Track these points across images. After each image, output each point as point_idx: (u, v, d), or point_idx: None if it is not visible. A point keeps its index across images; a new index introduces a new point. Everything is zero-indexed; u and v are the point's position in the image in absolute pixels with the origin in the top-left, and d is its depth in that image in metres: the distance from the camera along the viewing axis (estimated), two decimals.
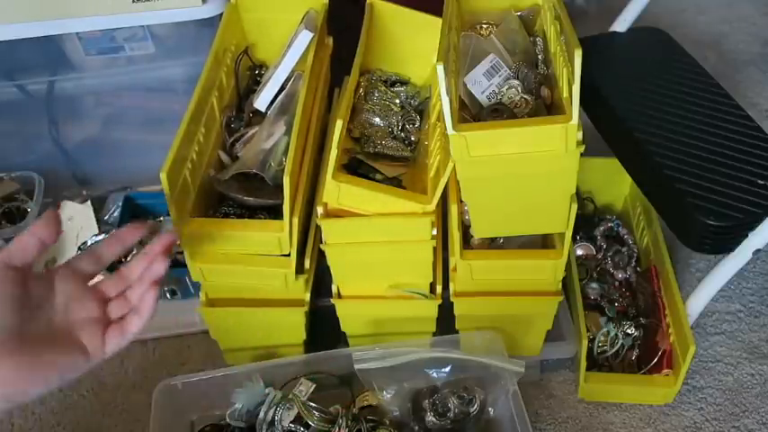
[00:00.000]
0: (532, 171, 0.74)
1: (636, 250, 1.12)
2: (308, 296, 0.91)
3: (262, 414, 0.83)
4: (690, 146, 0.96)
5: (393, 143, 0.93)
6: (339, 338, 0.98)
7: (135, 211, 1.18)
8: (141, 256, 0.68)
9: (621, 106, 1.03)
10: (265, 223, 0.84)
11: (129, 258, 0.95)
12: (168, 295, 1.10)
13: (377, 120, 0.95)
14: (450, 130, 0.71)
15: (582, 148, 0.72)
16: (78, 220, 1.20)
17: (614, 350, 0.99)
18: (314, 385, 0.87)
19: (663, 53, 1.15)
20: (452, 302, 0.90)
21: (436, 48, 0.74)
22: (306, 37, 0.94)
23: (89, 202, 1.22)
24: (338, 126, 0.79)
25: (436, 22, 0.89)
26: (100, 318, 0.65)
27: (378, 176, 0.88)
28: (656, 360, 0.97)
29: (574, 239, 1.10)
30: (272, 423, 0.82)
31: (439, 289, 0.89)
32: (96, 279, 0.68)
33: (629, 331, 1.00)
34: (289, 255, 0.85)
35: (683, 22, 1.65)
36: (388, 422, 0.85)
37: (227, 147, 0.96)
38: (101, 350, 0.64)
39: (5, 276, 0.60)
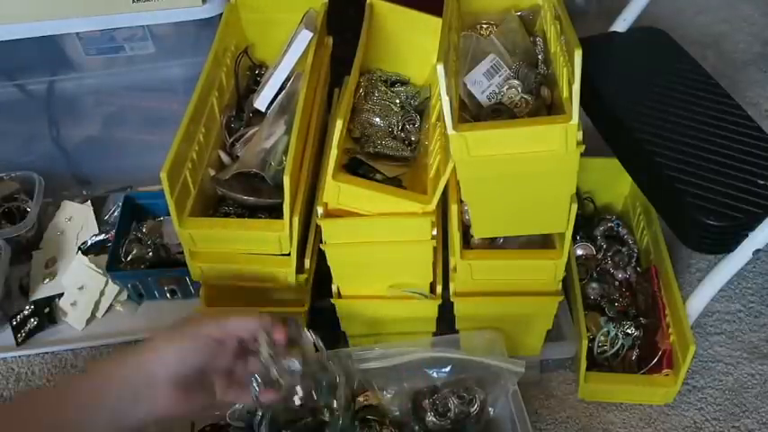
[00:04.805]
0: (532, 171, 0.74)
1: (636, 250, 1.11)
2: (308, 296, 0.91)
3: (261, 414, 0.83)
4: (690, 146, 0.96)
5: (393, 143, 0.93)
6: (339, 338, 0.98)
7: (135, 211, 1.17)
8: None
9: (621, 106, 1.03)
10: (265, 223, 0.84)
11: None
12: (168, 295, 1.10)
13: (377, 120, 0.95)
14: (450, 130, 0.71)
15: (582, 148, 0.72)
16: (78, 220, 1.20)
17: (614, 350, 0.99)
18: None
19: (663, 53, 1.15)
20: (452, 302, 0.90)
21: (436, 48, 0.74)
22: (306, 37, 0.94)
23: (89, 202, 1.22)
24: (338, 126, 0.79)
25: (436, 22, 0.89)
26: (230, 373, 0.72)
27: (378, 176, 0.88)
28: (656, 360, 0.97)
29: (574, 239, 1.10)
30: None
31: (439, 289, 0.89)
32: None
33: (629, 331, 1.00)
34: (289, 255, 0.85)
35: (682, 22, 1.65)
36: (388, 422, 0.85)
37: (227, 147, 0.96)
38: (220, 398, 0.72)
39: (228, 348, 0.70)
